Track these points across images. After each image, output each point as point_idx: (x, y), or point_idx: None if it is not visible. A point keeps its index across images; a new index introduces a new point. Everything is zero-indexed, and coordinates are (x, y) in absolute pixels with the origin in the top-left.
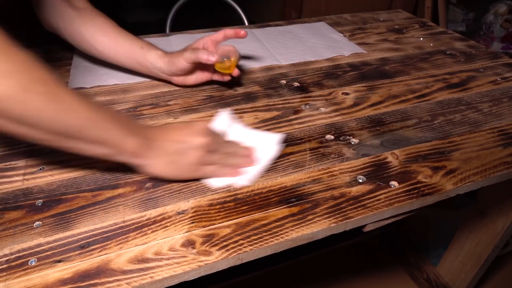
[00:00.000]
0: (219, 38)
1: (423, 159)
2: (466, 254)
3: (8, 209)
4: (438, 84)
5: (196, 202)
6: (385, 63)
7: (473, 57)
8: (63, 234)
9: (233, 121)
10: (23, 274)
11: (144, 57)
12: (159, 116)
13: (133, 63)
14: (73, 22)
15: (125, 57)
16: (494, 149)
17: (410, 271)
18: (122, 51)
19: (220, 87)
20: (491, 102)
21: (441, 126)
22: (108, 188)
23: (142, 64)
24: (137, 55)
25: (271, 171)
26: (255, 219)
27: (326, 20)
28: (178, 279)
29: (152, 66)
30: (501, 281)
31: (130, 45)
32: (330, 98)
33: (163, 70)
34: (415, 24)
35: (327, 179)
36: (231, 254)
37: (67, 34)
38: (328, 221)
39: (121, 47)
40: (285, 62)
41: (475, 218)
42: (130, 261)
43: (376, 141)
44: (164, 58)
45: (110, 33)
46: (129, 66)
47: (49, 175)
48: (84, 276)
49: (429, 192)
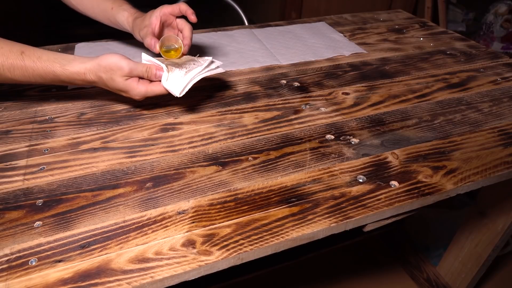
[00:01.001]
0: (175, 11)
1: (424, 159)
2: (466, 254)
3: (9, 209)
4: (438, 84)
5: (197, 202)
6: (385, 63)
7: (473, 57)
8: (64, 234)
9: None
10: (24, 274)
11: (114, 18)
12: (159, 116)
13: (108, 22)
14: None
15: (101, 15)
16: (494, 149)
17: (410, 271)
18: (98, 10)
19: (220, 87)
20: (491, 102)
21: (441, 126)
22: (108, 188)
23: (114, 23)
24: (109, 16)
25: (271, 171)
26: (256, 219)
27: (326, 20)
28: (178, 279)
29: (123, 28)
30: (501, 281)
31: (104, 5)
32: (330, 98)
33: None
34: (415, 24)
35: (327, 179)
36: (232, 254)
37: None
38: (329, 221)
39: (97, 6)
40: (285, 62)
41: (475, 218)
42: (130, 261)
43: (376, 141)
44: (130, 24)
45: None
46: (107, 23)
47: (50, 175)
48: (84, 276)
49: (429, 192)
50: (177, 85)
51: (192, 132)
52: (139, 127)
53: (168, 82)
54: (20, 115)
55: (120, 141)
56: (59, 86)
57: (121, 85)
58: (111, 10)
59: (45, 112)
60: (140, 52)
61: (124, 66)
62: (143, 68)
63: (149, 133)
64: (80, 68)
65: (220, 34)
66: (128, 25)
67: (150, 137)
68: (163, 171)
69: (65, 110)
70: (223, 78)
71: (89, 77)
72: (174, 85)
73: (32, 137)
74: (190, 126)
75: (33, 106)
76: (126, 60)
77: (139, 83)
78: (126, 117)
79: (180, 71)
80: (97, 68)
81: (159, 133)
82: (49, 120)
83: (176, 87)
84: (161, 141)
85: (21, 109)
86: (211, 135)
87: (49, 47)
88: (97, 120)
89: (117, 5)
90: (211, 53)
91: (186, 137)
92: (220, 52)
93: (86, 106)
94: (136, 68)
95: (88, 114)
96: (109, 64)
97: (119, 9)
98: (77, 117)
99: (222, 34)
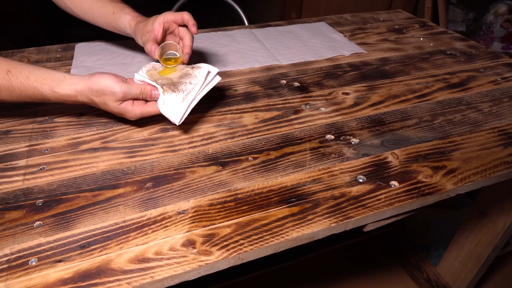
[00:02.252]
0: (177, 19)
1: (424, 159)
2: (466, 254)
3: (9, 209)
4: (438, 84)
5: (197, 202)
6: (385, 63)
7: (473, 57)
8: (64, 234)
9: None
10: (24, 274)
11: (115, 23)
12: (159, 115)
13: (108, 26)
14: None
15: (101, 20)
16: (494, 149)
17: (410, 271)
18: (97, 15)
19: (220, 87)
20: (491, 102)
21: (441, 126)
22: (108, 188)
23: (116, 28)
24: (110, 20)
25: (271, 171)
26: (256, 219)
27: (326, 20)
28: (178, 279)
29: (124, 32)
30: (501, 281)
31: (104, 9)
32: (330, 98)
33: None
34: (415, 24)
35: (327, 179)
36: (232, 254)
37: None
38: (329, 221)
39: (97, 11)
40: (285, 62)
41: (475, 218)
42: (130, 261)
43: (376, 141)
44: (132, 28)
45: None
46: (107, 28)
47: (50, 175)
48: (84, 276)
49: (430, 192)
50: (176, 112)
51: (192, 132)
52: (139, 127)
53: (165, 107)
54: (20, 115)
55: (120, 141)
56: None
57: (116, 110)
58: (112, 14)
59: (45, 112)
60: (138, 53)
61: (117, 91)
62: (137, 91)
63: (149, 133)
64: (71, 91)
65: (220, 34)
66: (130, 29)
67: (150, 137)
68: (163, 171)
69: (65, 110)
70: (223, 78)
71: (80, 99)
72: (172, 111)
73: (32, 137)
74: (190, 126)
75: (33, 106)
76: (118, 84)
77: (133, 105)
78: None
79: (177, 96)
80: (88, 92)
81: (159, 133)
82: (49, 120)
83: (175, 114)
84: (161, 141)
85: (21, 109)
86: (211, 135)
87: (49, 47)
88: (97, 120)
89: (118, 9)
90: (211, 53)
91: (186, 137)
92: (220, 52)
93: (86, 106)
94: (130, 91)
95: (88, 114)
96: (101, 88)
97: (121, 13)
98: (77, 117)
99: (222, 34)
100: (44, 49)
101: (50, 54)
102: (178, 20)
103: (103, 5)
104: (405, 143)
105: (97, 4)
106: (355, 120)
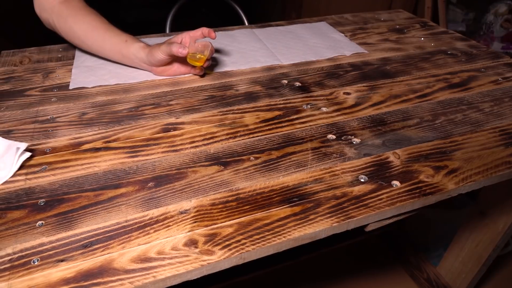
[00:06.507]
0: (196, 34)
1: (425, 158)
2: (466, 254)
3: (11, 208)
4: (439, 84)
5: (199, 202)
6: (386, 63)
7: (474, 57)
8: (66, 233)
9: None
10: (26, 273)
11: (127, 50)
12: (161, 115)
13: (117, 55)
14: (67, 21)
15: (110, 50)
16: (495, 148)
17: (410, 271)
18: (108, 45)
19: (221, 87)
20: (493, 102)
21: (442, 126)
22: (110, 188)
23: (126, 55)
24: (122, 48)
25: (273, 171)
26: (257, 218)
27: (327, 20)
28: (180, 278)
29: (135, 57)
30: (502, 281)
31: (116, 39)
32: (332, 98)
33: (144, 60)
34: (416, 24)
35: (329, 178)
36: (234, 254)
37: (62, 31)
38: (330, 221)
39: (108, 41)
40: (286, 62)
41: (475, 218)
42: (132, 261)
43: (377, 141)
44: (145, 50)
45: (99, 29)
46: (114, 58)
47: (51, 174)
48: (87, 276)
49: (431, 191)
50: None
51: (193, 132)
52: (140, 127)
53: None
54: (22, 115)
55: (121, 141)
56: (59, 86)
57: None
58: (125, 42)
59: (47, 112)
60: None
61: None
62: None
63: (150, 133)
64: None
65: (220, 34)
66: (143, 51)
67: (152, 137)
68: (165, 171)
69: (67, 110)
70: (224, 78)
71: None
72: None
73: (34, 137)
74: (192, 126)
75: (35, 105)
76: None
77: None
78: (128, 117)
79: None
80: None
81: (161, 133)
82: (50, 119)
83: None
84: (163, 141)
85: (22, 108)
86: (213, 135)
87: (50, 47)
88: (98, 120)
89: (131, 38)
90: None
91: (187, 137)
92: (221, 51)
93: (87, 106)
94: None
95: (89, 113)
96: None
97: (134, 40)
98: (79, 117)
99: (223, 34)
100: (45, 49)
101: (51, 54)
102: (196, 35)
103: (115, 35)
104: (406, 143)
105: (110, 34)
106: (357, 120)
